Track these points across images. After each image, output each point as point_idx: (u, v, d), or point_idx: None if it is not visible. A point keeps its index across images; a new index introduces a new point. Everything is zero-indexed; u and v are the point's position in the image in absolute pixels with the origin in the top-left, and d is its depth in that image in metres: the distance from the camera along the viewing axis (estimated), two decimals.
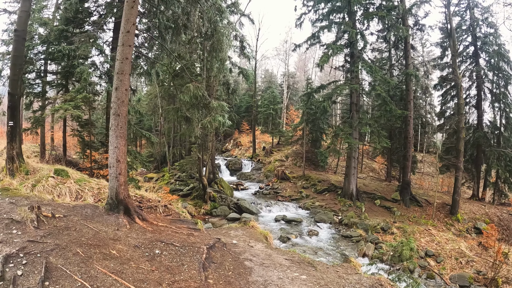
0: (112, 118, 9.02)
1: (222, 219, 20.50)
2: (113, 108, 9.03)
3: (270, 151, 33.77)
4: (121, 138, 9.05)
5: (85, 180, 12.20)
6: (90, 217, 8.50)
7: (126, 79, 9.13)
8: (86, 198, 11.28)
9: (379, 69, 20.60)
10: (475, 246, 19.77)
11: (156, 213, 11.39)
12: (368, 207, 22.29)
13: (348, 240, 18.43)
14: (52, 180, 11.90)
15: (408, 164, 22.69)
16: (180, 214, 12.56)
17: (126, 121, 9.28)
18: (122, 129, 9.05)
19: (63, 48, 15.88)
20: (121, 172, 9.03)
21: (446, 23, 23.91)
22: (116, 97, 9.00)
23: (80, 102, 14.73)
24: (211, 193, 21.76)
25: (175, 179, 25.70)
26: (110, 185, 9.00)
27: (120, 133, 9.00)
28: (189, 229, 9.69)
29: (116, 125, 8.98)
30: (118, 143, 8.99)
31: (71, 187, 11.53)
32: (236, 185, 27.05)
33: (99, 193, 11.86)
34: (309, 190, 25.27)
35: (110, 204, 8.97)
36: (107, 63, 16.09)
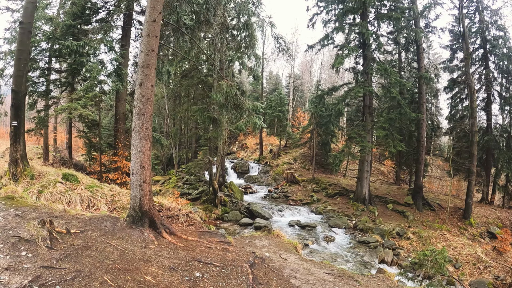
0: (136, 118, 7.49)
1: (234, 224, 18.99)
2: (136, 107, 7.50)
3: (278, 153, 32.27)
4: (146, 140, 7.53)
5: (96, 186, 10.59)
6: (111, 232, 6.92)
7: (152, 73, 7.61)
8: (99, 206, 9.69)
9: (394, 71, 19.29)
10: (489, 251, 18.83)
11: (177, 223, 9.83)
12: (381, 211, 20.95)
13: (365, 246, 17.15)
14: (60, 186, 10.28)
15: (421, 168, 21.41)
16: (202, 223, 11.02)
17: (152, 121, 7.75)
18: (147, 130, 7.53)
19: (71, 44, 14.27)
20: (146, 180, 7.49)
21: (458, 25, 22.81)
22: (140, 94, 7.47)
23: (89, 101, 13.08)
24: (222, 197, 20.20)
25: (183, 182, 24.05)
26: (133, 195, 7.44)
27: (145, 135, 7.47)
28: (221, 243, 8.16)
29: (140, 126, 7.45)
30: (142, 147, 7.45)
31: (82, 194, 9.92)
32: (245, 188, 25.49)
33: (113, 200, 10.27)
34: (320, 194, 23.82)
35: (133, 216, 7.41)
36: (116, 60, 14.49)
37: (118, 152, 16.11)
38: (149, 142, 7.59)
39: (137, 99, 7.46)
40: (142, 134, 7.41)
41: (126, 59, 16.15)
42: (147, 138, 7.50)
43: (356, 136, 19.74)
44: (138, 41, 19.28)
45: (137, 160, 7.40)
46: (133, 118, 7.55)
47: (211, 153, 21.37)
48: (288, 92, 43.85)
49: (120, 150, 16.14)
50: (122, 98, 16.35)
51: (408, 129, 23.62)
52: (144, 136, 7.44)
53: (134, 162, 7.43)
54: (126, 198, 10.46)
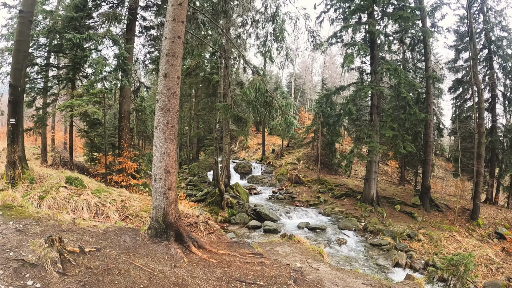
0: (160, 115, 6.21)
1: (242, 227, 17.74)
2: (160, 101, 6.21)
3: (281, 153, 31.00)
4: (172, 141, 6.26)
5: (104, 191, 9.24)
6: (132, 249, 5.62)
7: (178, 63, 6.34)
8: (108, 214, 8.35)
9: (404, 71, 18.26)
10: (499, 252, 18.01)
11: (197, 232, 8.56)
12: (389, 212, 19.93)
13: (378, 249, 16.16)
14: (64, 191, 8.91)
15: (428, 169, 20.47)
16: (221, 231, 9.76)
17: (177, 118, 6.47)
18: (173, 129, 6.27)
19: (74, 37, 12.82)
20: (171, 187, 6.21)
21: (463, 25, 22.02)
22: (165, 87, 6.20)
23: (93, 98, 11.67)
24: (229, 199, 18.92)
25: (186, 183, 22.66)
26: (156, 204, 6.15)
27: (170, 134, 6.21)
28: (254, 256, 6.92)
29: (165, 124, 6.18)
30: (167, 148, 6.19)
31: (89, 200, 8.57)
32: (249, 189, 24.21)
33: (123, 207, 8.92)
34: (326, 195, 22.68)
35: (156, 228, 6.12)
36: (122, 55, 13.09)
37: (122, 153, 14.70)
38: (174, 142, 6.32)
39: (161, 92, 6.18)
40: (167, 134, 6.14)
41: (131, 55, 14.76)
42: (172, 138, 6.23)
43: (365, 137, 18.68)
44: (141, 37, 17.92)
45: (161, 164, 6.12)
46: (156, 115, 6.27)
47: (217, 153, 20.06)
48: (289, 91, 42.57)
49: (125, 151, 14.72)
50: (126, 95, 14.96)
51: (414, 129, 22.70)
52: (169, 136, 6.17)
53: (157, 166, 6.15)
54: (138, 204, 9.14)
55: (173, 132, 6.21)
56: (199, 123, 27.59)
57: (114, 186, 13.61)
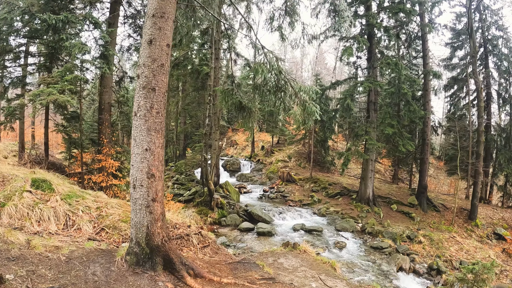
0: (141, 96, 4.49)
1: (233, 229, 16.13)
2: (142, 78, 4.49)
3: (271, 150, 29.34)
4: (157, 132, 4.55)
5: (77, 196, 7.45)
6: (105, 285, 3.93)
7: (169, 27, 4.63)
8: (80, 225, 6.59)
9: (405, 66, 16.98)
10: (499, 253, 17.14)
11: (189, 246, 6.90)
12: (385, 212, 18.74)
13: (379, 252, 14.93)
14: (28, 197, 7.12)
15: (426, 168, 19.35)
16: (216, 243, 8.11)
17: (166, 102, 4.75)
18: (159, 116, 4.57)
19: (49, 18, 10.87)
20: (157, 197, 4.53)
21: (462, 23, 21.00)
22: (149, 57, 4.51)
23: (67, 85, 9.78)
24: (219, 200, 17.25)
25: (173, 182, 20.81)
26: (136, 221, 4.46)
27: (155, 123, 4.51)
28: (265, 281, 5.32)
29: (148, 109, 4.49)
30: (151, 143, 4.49)
31: (58, 209, 6.79)
32: (238, 188, 22.55)
33: (99, 216, 7.16)
34: (319, 194, 21.26)
35: (137, 254, 4.43)
36: (103, 39, 11.20)
37: (102, 150, 12.79)
38: (161, 135, 4.59)
39: (143, 65, 4.46)
40: (150, 122, 4.43)
41: (114, 39, 12.85)
42: (158, 129, 4.51)
43: (363, 134, 17.34)
44: (126, 23, 15.97)
45: (143, 165, 4.42)
46: (136, 96, 4.54)
47: (206, 150, 18.33)
48: None
49: (105, 147, 12.81)
50: (107, 85, 13.04)
51: (410, 127, 21.57)
52: (154, 125, 4.45)
53: (136, 167, 4.44)
54: (116, 212, 7.38)
55: (159, 120, 4.50)
56: (186, 118, 25.72)
57: (93, 187, 11.75)
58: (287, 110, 6.92)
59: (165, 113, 4.67)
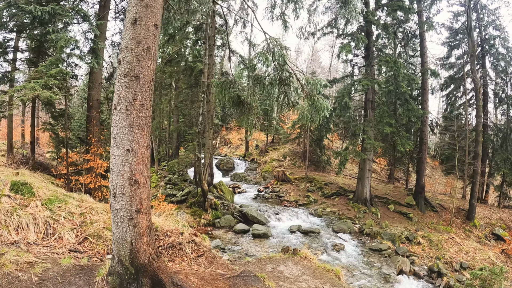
0: (122, 85, 3.74)
1: (227, 231, 15.50)
2: (124, 63, 3.75)
3: (265, 149, 28.68)
4: (142, 130, 3.83)
5: (59, 200, 6.72)
6: None
7: (157, 5, 3.93)
8: (62, 233, 5.89)
9: (404, 64, 16.51)
10: (499, 254, 16.84)
11: (182, 257, 6.24)
12: (383, 212, 18.30)
13: (378, 255, 14.49)
14: (7, 202, 6.43)
15: (423, 167, 18.95)
16: (212, 251, 7.44)
17: (152, 93, 4.02)
18: (144, 109, 3.85)
19: (35, 9, 10.07)
20: (142, 207, 3.84)
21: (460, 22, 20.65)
22: (133, 39, 3.79)
23: (52, 80, 9.00)
24: (213, 200, 16.58)
25: (166, 182, 20.03)
26: (118, 235, 3.76)
27: (138, 118, 3.80)
28: None
29: (130, 101, 3.76)
30: (134, 142, 3.78)
31: (38, 215, 6.08)
32: (232, 187, 21.89)
33: (83, 223, 6.44)
34: (315, 194, 20.71)
35: (120, 274, 3.75)
36: (91, 31, 10.42)
37: (90, 149, 12.00)
38: (146, 133, 3.85)
39: (125, 48, 3.73)
40: (133, 117, 3.70)
41: (103, 33, 12.05)
42: (143, 125, 3.78)
43: (361, 133, 16.85)
44: (117, 19, 15.16)
45: (124, 169, 3.71)
46: (117, 86, 3.79)
47: (199, 149, 17.63)
48: None
49: (93, 146, 12.03)
50: (96, 81, 12.25)
51: (407, 126, 21.17)
52: (137, 121, 3.73)
53: (117, 172, 3.73)
54: (102, 219, 6.67)
55: (144, 114, 3.78)
56: (179, 116, 24.95)
57: (80, 188, 10.97)
58: (291, 105, 6.27)
59: (151, 106, 3.92)
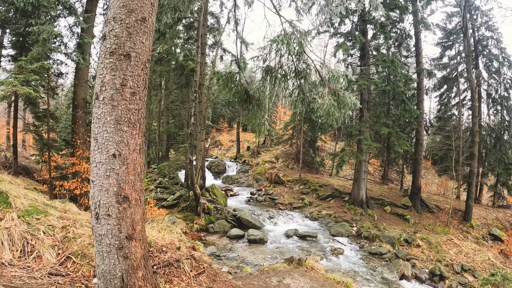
0: (107, 66, 2.86)
1: (222, 236, 14.75)
2: (109, 39, 2.89)
3: (257, 151, 27.93)
4: (133, 127, 2.96)
5: (38, 212, 5.86)
6: None
7: None
8: (41, 252, 5.03)
9: (401, 64, 16.10)
10: (497, 255, 16.66)
11: (181, 276, 5.44)
12: (379, 214, 17.85)
13: (379, 258, 14.07)
14: None
15: (419, 168, 18.58)
16: (213, 266, 6.67)
17: (147, 79, 3.12)
18: (136, 99, 2.94)
19: (17, 1, 9.12)
20: (134, 233, 2.98)
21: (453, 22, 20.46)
22: (122, 7, 2.94)
23: (32, 75, 8.10)
24: (206, 205, 15.79)
25: (156, 186, 19.10)
26: (104, 269, 2.89)
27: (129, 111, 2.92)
28: None
29: (117, 88, 2.85)
30: (121, 143, 2.89)
31: (13, 230, 5.21)
32: (225, 190, 21.09)
33: (65, 238, 5.58)
34: (310, 196, 20.11)
35: None
36: (78, 25, 9.53)
37: (76, 152, 11.06)
38: (139, 131, 2.97)
39: (113, 19, 2.94)
40: (121, 109, 2.85)
41: (91, 28, 11.15)
42: (135, 121, 2.93)
43: (358, 133, 16.34)
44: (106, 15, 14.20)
45: (110, 181, 2.87)
46: (99, 68, 2.95)
47: (191, 151, 16.79)
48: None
49: (79, 149, 11.09)
50: (83, 79, 11.33)
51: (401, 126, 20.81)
52: (127, 116, 2.88)
53: (99, 185, 2.89)
54: (87, 232, 5.80)
55: (136, 106, 2.91)
56: (169, 117, 24.01)
57: (66, 195, 10.03)
58: (306, 103, 5.57)
59: (145, 96, 3.06)
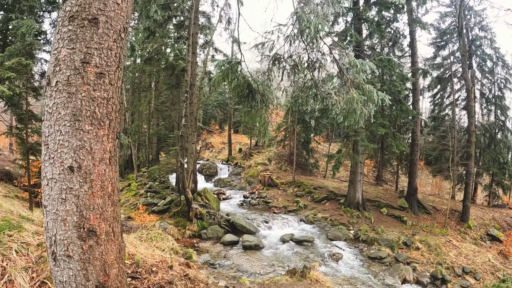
0: (64, 39, 1.98)
1: (215, 243, 13.93)
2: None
3: (249, 153, 27.14)
4: (99, 125, 2.12)
5: (11, 227, 5.04)
6: None
7: None
8: (13, 276, 4.21)
9: (398, 63, 15.67)
10: (496, 256, 16.30)
11: None
12: (376, 216, 17.34)
13: (379, 263, 13.49)
14: None
15: (415, 169, 18.16)
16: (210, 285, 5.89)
17: (123, 53, 2.21)
18: (104, 84, 2.10)
19: None
20: (107, 281, 2.08)
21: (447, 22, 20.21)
22: None
23: (8, 73, 7.22)
24: (198, 210, 14.98)
25: (146, 190, 18.17)
26: None
27: (93, 100, 2.10)
28: None
29: (77, 67, 1.97)
30: (82, 150, 2.00)
31: None
32: (217, 194, 20.28)
33: (40, 258, 4.78)
34: (305, 198, 19.47)
35: None
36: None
37: None
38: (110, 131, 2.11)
39: None
40: (81, 99, 1.98)
41: None
42: (102, 116, 2.06)
43: (355, 134, 15.79)
44: None
45: (66, 207, 1.99)
46: (55, 40, 2.07)
47: (182, 154, 15.97)
48: None
49: None
50: None
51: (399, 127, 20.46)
52: (90, 107, 2.01)
53: (53, 212, 2.03)
54: None
55: (105, 94, 2.09)
56: (159, 119, 23.11)
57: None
58: (319, 99, 4.88)
59: (120, 80, 2.22)
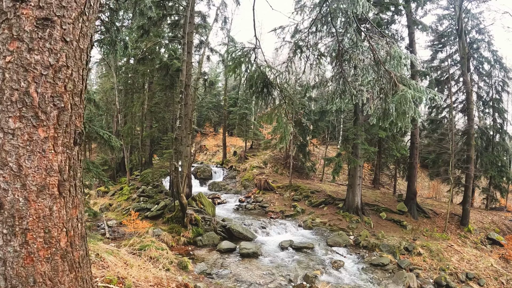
0: None
1: (212, 250, 13.16)
2: None
3: (245, 156, 26.38)
4: (36, 118, 1.52)
5: None
6: None
7: None
8: None
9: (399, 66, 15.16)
10: (498, 260, 15.83)
11: None
12: (375, 221, 16.78)
13: (381, 270, 12.94)
14: None
15: (414, 173, 17.64)
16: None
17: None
18: (67, 35, 1.54)
19: None
20: None
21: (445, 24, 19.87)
22: None
23: None
24: (193, 215, 14.16)
25: (138, 194, 17.29)
26: None
27: (46, 66, 1.48)
28: None
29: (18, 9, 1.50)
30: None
31: None
32: (212, 198, 19.50)
33: None
34: (302, 203, 18.79)
35: None
36: None
37: None
38: (62, 130, 1.46)
39: None
40: (6, 64, 1.39)
41: None
42: (50, 100, 1.44)
43: (355, 137, 15.20)
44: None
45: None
46: None
47: (177, 157, 15.17)
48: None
49: None
50: None
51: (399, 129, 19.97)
52: (20, 82, 1.41)
53: None
54: None
55: (52, 59, 1.44)
56: (153, 121, 22.26)
57: None
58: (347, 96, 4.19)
59: (86, 39, 1.65)
